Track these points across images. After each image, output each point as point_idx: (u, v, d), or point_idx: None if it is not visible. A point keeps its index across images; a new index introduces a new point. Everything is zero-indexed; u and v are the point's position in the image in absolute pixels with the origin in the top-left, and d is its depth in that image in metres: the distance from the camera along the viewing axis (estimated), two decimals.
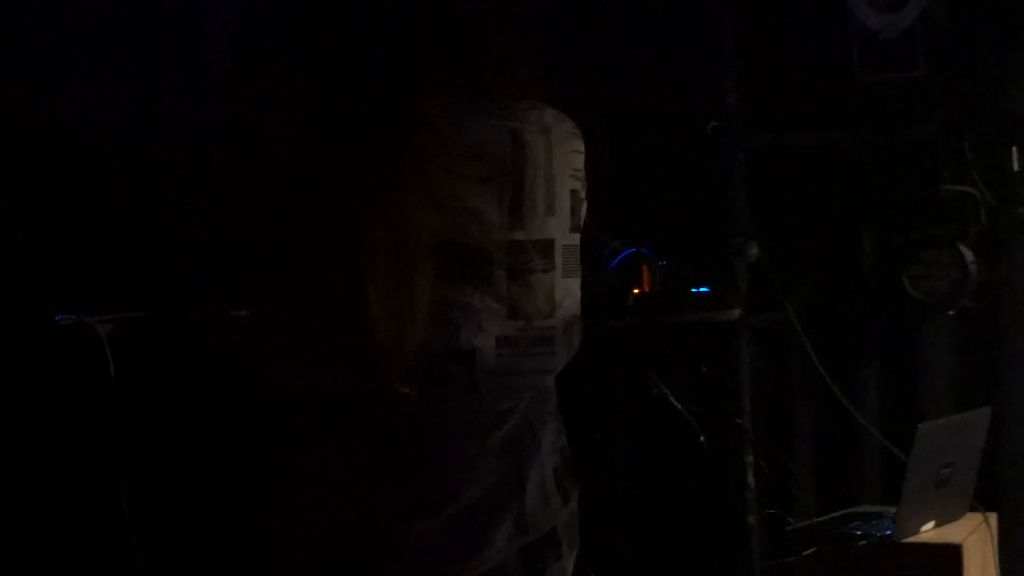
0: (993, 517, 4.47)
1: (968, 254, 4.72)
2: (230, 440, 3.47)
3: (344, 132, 1.90)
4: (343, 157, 1.89)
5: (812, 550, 4.41)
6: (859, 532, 4.37)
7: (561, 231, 2.00)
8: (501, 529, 1.99)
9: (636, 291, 4.60)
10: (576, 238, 2.05)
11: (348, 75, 1.92)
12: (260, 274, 1.96)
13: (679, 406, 4.74)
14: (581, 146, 2.06)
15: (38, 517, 3.62)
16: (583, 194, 2.06)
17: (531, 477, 2.02)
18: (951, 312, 4.82)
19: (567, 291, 2.02)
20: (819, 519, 4.56)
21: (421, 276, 1.88)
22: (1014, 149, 4.79)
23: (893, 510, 4.32)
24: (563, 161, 2.00)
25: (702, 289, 4.77)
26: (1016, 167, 4.78)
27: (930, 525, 4.31)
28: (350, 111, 1.90)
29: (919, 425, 4.20)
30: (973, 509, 4.46)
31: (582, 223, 2.07)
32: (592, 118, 2.19)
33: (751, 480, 4.83)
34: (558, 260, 2.00)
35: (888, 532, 4.29)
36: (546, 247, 1.98)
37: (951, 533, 4.31)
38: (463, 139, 1.93)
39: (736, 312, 4.80)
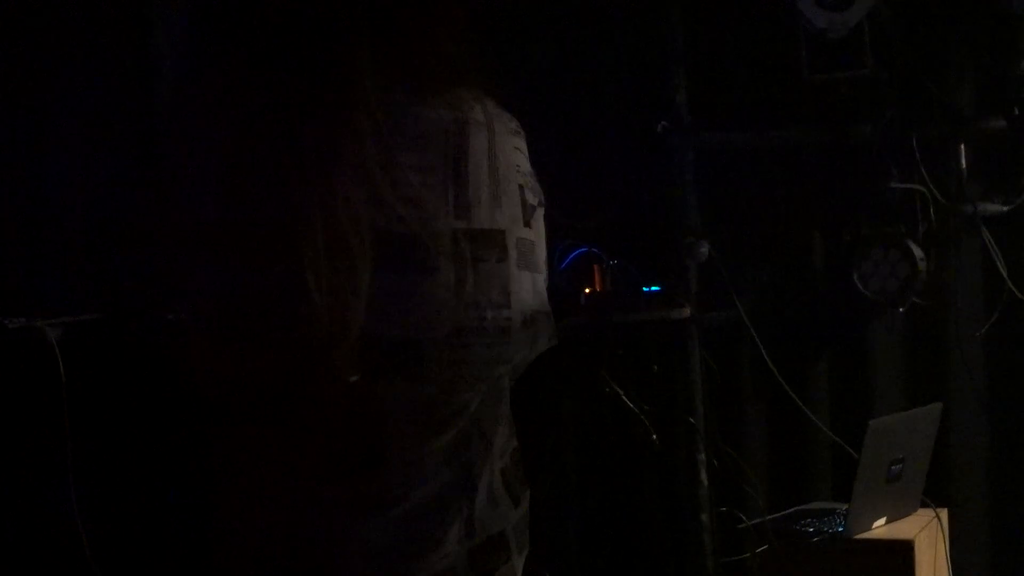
0: (944, 513, 4.50)
1: (917, 251, 4.75)
2: (179, 440, 3.45)
3: (280, 124, 1.89)
4: (278, 145, 1.88)
5: (765, 547, 4.43)
6: (811, 529, 4.39)
7: (512, 223, 1.98)
8: (451, 530, 1.97)
9: (587, 290, 4.60)
10: (530, 233, 2.03)
11: (284, 67, 1.91)
12: (202, 268, 1.95)
13: (631, 405, 4.74)
14: (524, 145, 2.04)
15: None
16: (534, 195, 2.04)
17: (482, 479, 2.01)
18: (901, 309, 4.85)
19: (523, 284, 2.01)
20: (771, 516, 4.57)
21: (361, 264, 1.87)
22: (962, 147, 4.82)
23: (844, 507, 4.34)
24: (507, 156, 1.98)
25: (653, 288, 4.77)
26: (964, 164, 4.81)
27: (882, 521, 4.33)
28: (286, 103, 1.89)
29: (870, 421, 4.22)
30: (924, 505, 4.49)
31: (537, 222, 2.05)
32: (541, 117, 2.18)
33: (704, 478, 4.84)
34: (511, 251, 1.98)
35: (840, 529, 4.31)
36: (496, 237, 1.96)
37: (903, 529, 4.33)
38: (403, 129, 1.92)
39: (687, 311, 4.81)
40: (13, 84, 3.95)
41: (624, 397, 4.74)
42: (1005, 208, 4.85)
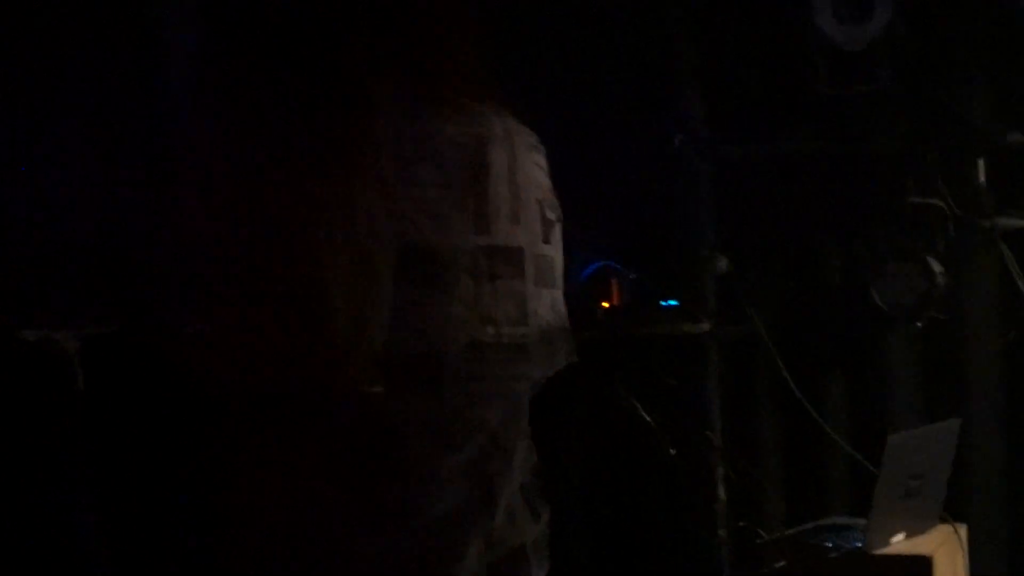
0: (963, 528, 4.48)
1: (935, 265, 4.74)
2: (197, 451, 3.45)
3: (301, 136, 1.89)
4: (300, 161, 1.88)
5: (782, 563, 4.41)
6: (830, 544, 4.37)
7: (530, 240, 1.98)
8: (471, 545, 1.97)
9: (605, 304, 4.60)
10: (549, 250, 2.03)
11: (304, 80, 1.91)
12: (222, 280, 1.95)
13: (648, 419, 4.74)
14: (543, 161, 2.04)
15: (5, 532, 3.60)
16: (552, 211, 2.04)
17: (502, 494, 2.00)
18: (918, 323, 4.83)
19: (541, 300, 2.00)
20: (789, 531, 4.56)
21: (383, 277, 1.87)
22: (979, 161, 4.81)
23: (863, 522, 4.33)
24: (526, 171, 1.98)
25: (670, 302, 4.78)
26: (982, 178, 4.80)
27: (900, 537, 4.31)
28: (307, 116, 1.90)
29: (889, 436, 4.21)
30: (943, 520, 4.47)
31: (555, 238, 2.05)
32: (558, 131, 2.18)
33: (721, 493, 4.83)
34: (529, 268, 1.98)
35: (859, 544, 4.30)
36: (515, 254, 1.96)
37: (921, 545, 4.31)
38: (423, 144, 1.92)
39: (705, 325, 4.81)
40: (29, 94, 3.96)
41: (641, 411, 4.74)
42: (1023, 222, 4.84)
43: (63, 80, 4.02)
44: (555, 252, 2.04)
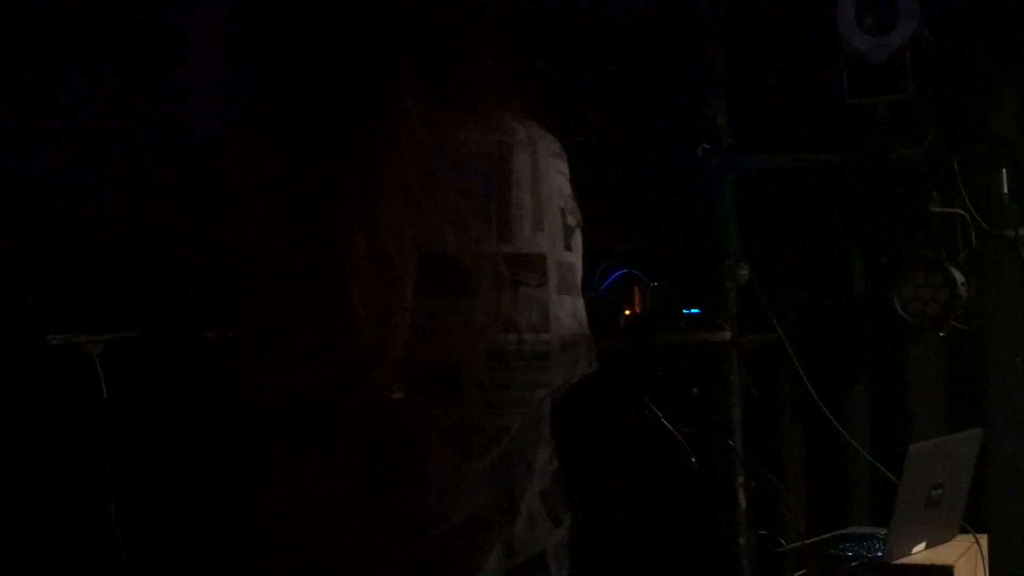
0: (984, 539, 4.47)
1: (958, 275, 4.73)
2: (218, 456, 3.47)
3: (324, 144, 1.89)
4: (324, 168, 1.88)
5: (803, 571, 4.41)
6: (850, 553, 4.37)
7: (553, 247, 1.98)
8: (491, 552, 1.97)
9: (627, 312, 4.60)
10: (571, 256, 2.03)
11: (328, 88, 1.91)
12: (245, 287, 1.95)
13: (670, 427, 4.74)
14: (566, 168, 2.04)
15: (29, 534, 3.62)
16: (573, 217, 2.04)
17: (523, 501, 2.00)
18: (941, 333, 4.82)
19: (563, 308, 2.01)
20: (810, 540, 4.56)
21: (404, 284, 1.87)
22: (1003, 171, 4.80)
23: (884, 531, 4.32)
24: (549, 179, 1.99)
25: (693, 310, 4.77)
26: (1005, 189, 4.79)
27: (921, 546, 4.31)
28: (330, 123, 1.90)
29: (910, 446, 4.20)
30: (964, 531, 4.46)
31: (576, 244, 2.05)
32: (583, 140, 2.18)
33: (742, 501, 4.83)
34: (551, 276, 1.98)
35: (879, 554, 4.29)
36: (537, 261, 1.96)
37: (942, 555, 4.30)
38: (446, 152, 1.92)
39: (727, 333, 4.81)
40: (57, 103, 3.97)
41: (663, 419, 4.74)
42: None
43: (91, 88, 4.04)
44: (577, 259, 2.05)
